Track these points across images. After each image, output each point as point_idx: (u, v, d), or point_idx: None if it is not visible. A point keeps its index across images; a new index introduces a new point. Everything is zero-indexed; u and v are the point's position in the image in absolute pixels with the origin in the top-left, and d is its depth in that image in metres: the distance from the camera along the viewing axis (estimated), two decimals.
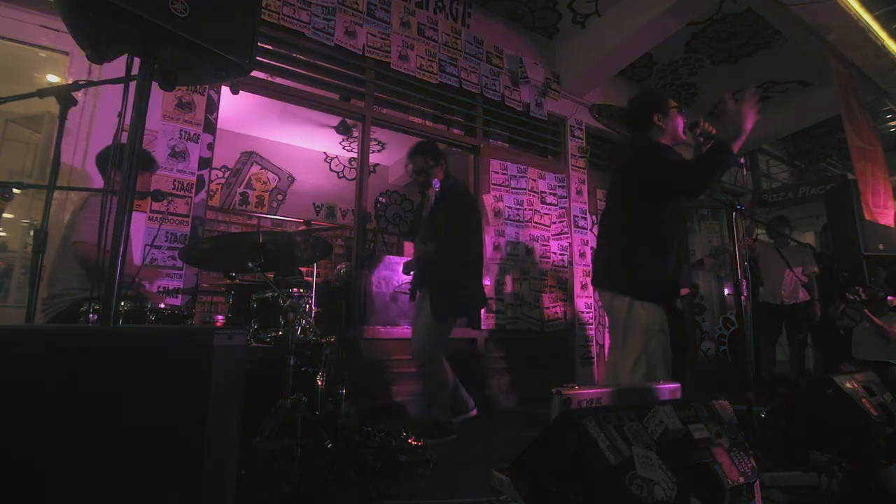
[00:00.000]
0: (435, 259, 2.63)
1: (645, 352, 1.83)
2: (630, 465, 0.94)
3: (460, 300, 2.67)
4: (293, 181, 6.51)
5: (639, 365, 1.83)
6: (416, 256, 2.71)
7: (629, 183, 2.02)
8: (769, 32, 4.66)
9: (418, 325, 2.73)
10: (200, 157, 2.90)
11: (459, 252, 2.64)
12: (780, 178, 7.65)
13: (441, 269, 2.63)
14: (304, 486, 1.57)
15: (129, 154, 1.05)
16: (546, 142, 4.76)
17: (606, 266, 2.05)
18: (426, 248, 2.63)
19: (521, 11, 4.42)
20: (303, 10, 3.29)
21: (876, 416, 1.91)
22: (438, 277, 2.64)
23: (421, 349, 2.65)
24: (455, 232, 2.63)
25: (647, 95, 2.16)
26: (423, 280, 2.73)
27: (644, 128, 2.07)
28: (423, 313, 2.67)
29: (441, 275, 2.63)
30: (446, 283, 2.61)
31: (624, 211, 2.02)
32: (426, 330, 2.64)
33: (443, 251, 2.61)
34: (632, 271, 1.93)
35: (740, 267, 2.04)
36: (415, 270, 2.80)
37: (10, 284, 2.90)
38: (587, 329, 4.50)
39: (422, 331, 2.66)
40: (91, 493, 0.79)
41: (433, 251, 2.63)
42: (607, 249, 2.07)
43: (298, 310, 2.01)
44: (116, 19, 0.99)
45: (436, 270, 2.65)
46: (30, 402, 0.80)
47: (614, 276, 2.00)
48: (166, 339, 0.91)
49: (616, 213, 2.09)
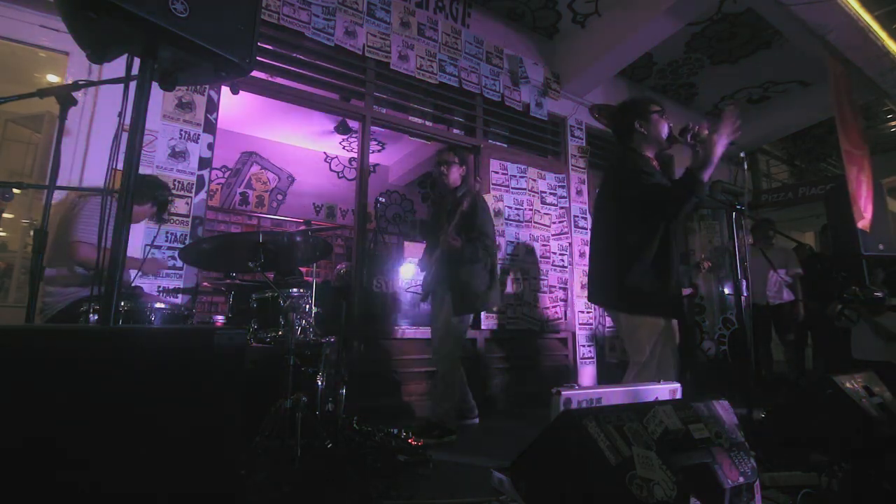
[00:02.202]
0: (463, 257, 2.69)
1: (652, 358, 1.85)
2: (630, 465, 0.94)
3: (479, 299, 2.74)
4: (293, 181, 6.51)
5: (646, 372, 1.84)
6: (442, 251, 2.72)
7: (614, 202, 2.04)
8: (769, 32, 4.66)
9: (437, 323, 2.79)
10: (200, 157, 2.90)
11: (486, 252, 2.73)
12: (780, 178, 7.65)
13: (462, 271, 2.70)
14: (304, 486, 1.57)
15: (129, 154, 1.05)
16: (546, 142, 4.76)
17: (601, 282, 2.08)
18: (453, 245, 2.65)
19: (521, 11, 4.42)
20: (303, 10, 3.29)
21: (876, 416, 1.91)
22: (462, 276, 2.69)
23: (440, 347, 2.71)
24: (485, 234, 2.74)
25: (627, 103, 2.16)
26: (444, 278, 2.76)
27: (627, 136, 2.08)
28: (442, 312, 2.72)
29: (465, 274, 2.70)
30: (469, 282, 2.70)
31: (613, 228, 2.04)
32: (445, 326, 2.68)
33: (470, 250, 2.68)
34: (628, 288, 1.92)
35: (740, 267, 2.04)
36: (433, 269, 2.82)
37: (10, 284, 2.90)
38: (587, 329, 4.50)
39: (442, 329, 2.71)
40: (91, 492, 0.79)
41: (460, 249, 2.66)
42: (601, 266, 2.10)
43: (298, 310, 2.01)
44: (116, 19, 0.99)
45: (460, 269, 2.70)
46: (29, 402, 0.80)
47: (609, 292, 2.03)
48: (166, 339, 0.91)
49: (605, 229, 2.10)
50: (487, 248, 2.75)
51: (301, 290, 2.11)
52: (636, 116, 2.07)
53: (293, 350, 1.91)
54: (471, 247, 2.69)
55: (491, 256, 2.81)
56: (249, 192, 6.17)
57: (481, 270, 2.76)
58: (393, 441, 2.16)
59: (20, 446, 0.77)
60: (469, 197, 2.71)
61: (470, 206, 2.70)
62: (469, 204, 2.69)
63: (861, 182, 4.24)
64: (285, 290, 2.06)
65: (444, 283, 2.78)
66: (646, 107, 2.07)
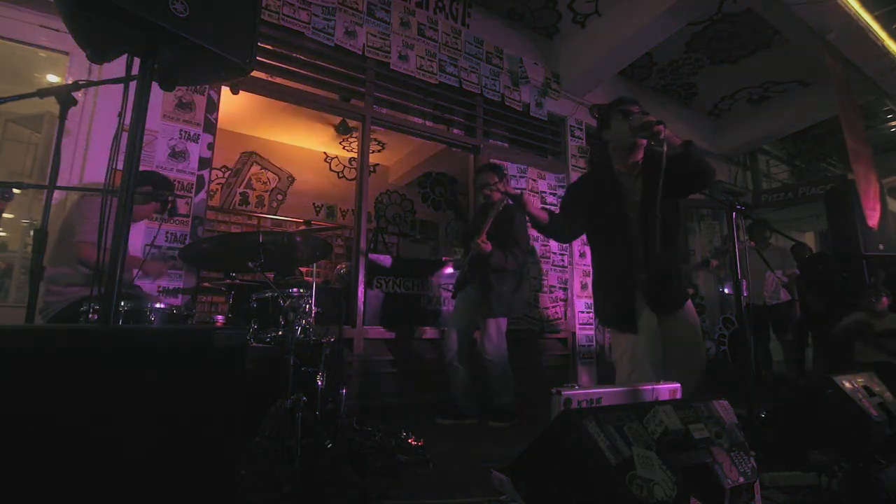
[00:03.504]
0: (502, 265, 2.94)
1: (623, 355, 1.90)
2: (630, 465, 0.94)
3: (506, 304, 3.00)
4: (293, 181, 6.50)
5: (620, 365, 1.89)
6: (473, 254, 2.94)
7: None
8: (769, 32, 4.66)
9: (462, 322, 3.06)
10: (200, 157, 2.90)
11: (514, 260, 2.98)
12: (780, 178, 7.65)
13: (504, 274, 2.97)
14: (304, 486, 1.57)
15: (129, 154, 1.05)
16: (546, 142, 4.76)
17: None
18: (484, 250, 2.85)
19: (521, 11, 4.42)
20: (303, 9, 3.29)
21: (876, 416, 1.91)
22: (500, 282, 2.97)
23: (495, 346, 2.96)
24: (516, 244, 3.00)
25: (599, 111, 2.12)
26: (478, 279, 3.01)
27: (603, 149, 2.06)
28: (470, 314, 3.04)
29: (503, 280, 2.98)
30: (508, 287, 3.00)
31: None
32: (493, 328, 2.96)
33: (503, 257, 2.93)
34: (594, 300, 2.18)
35: (740, 267, 2.04)
36: (465, 269, 3.08)
37: (10, 284, 2.90)
38: (587, 329, 4.50)
39: (489, 329, 2.96)
40: (91, 492, 0.79)
41: (495, 255, 2.90)
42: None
43: (298, 310, 2.01)
44: (116, 19, 0.99)
45: (498, 275, 2.96)
46: (29, 402, 0.80)
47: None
48: (166, 339, 0.91)
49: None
50: (516, 257, 2.98)
51: (301, 290, 2.10)
52: (600, 126, 2.02)
53: (293, 350, 1.91)
54: (499, 254, 2.91)
55: (520, 265, 3.04)
56: (249, 192, 6.17)
57: (509, 277, 3.01)
58: (393, 441, 2.16)
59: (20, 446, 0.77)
60: (504, 207, 2.87)
61: (504, 214, 2.87)
62: (504, 212, 2.86)
63: (870, 180, 4.24)
64: (285, 290, 2.06)
65: (475, 284, 3.03)
66: (607, 111, 1.96)
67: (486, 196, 3.09)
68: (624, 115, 1.91)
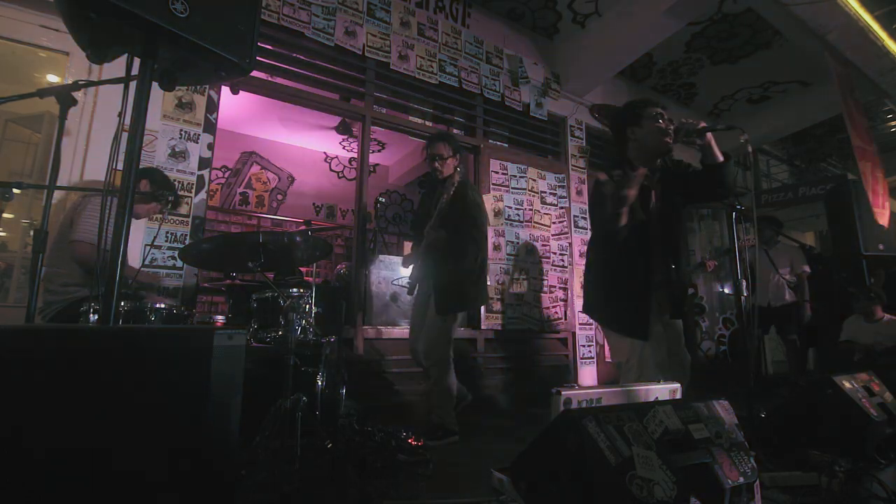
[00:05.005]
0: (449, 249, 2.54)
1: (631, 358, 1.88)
2: (630, 465, 0.94)
3: (468, 296, 2.62)
4: (293, 181, 6.51)
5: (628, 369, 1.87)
6: (426, 244, 2.60)
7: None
8: (769, 32, 4.66)
9: (420, 322, 2.69)
10: (200, 157, 2.90)
11: (475, 245, 2.57)
12: (780, 178, 7.65)
13: (449, 264, 2.54)
14: (304, 486, 1.57)
15: (129, 154, 1.05)
16: (546, 142, 4.75)
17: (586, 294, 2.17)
18: (439, 236, 2.53)
19: (521, 11, 4.42)
20: (303, 10, 3.29)
21: (876, 416, 1.91)
22: (446, 272, 2.55)
23: (431, 349, 2.57)
24: (472, 224, 2.58)
25: (620, 108, 2.10)
26: (428, 274, 2.65)
27: (622, 145, 2.01)
28: (427, 310, 2.62)
29: (448, 270, 2.54)
30: (454, 278, 2.54)
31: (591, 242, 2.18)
32: (434, 328, 2.56)
33: (457, 242, 2.53)
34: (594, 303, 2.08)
35: (740, 267, 2.04)
36: (419, 262, 2.70)
37: (10, 284, 2.90)
38: (587, 329, 4.50)
39: (431, 329, 2.58)
40: (90, 491, 0.79)
41: (446, 240, 2.54)
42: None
43: (298, 310, 2.00)
44: (116, 19, 0.99)
45: (443, 265, 2.56)
46: (29, 402, 0.80)
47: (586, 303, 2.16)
48: (166, 339, 0.91)
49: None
50: (476, 241, 2.55)
51: (301, 290, 2.10)
52: (628, 122, 1.94)
53: (293, 350, 1.91)
54: (458, 238, 2.52)
55: (481, 250, 2.60)
56: (249, 192, 6.17)
57: (470, 265, 2.56)
58: (393, 441, 2.16)
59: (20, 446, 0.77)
60: (456, 184, 2.56)
61: (457, 192, 2.54)
62: (456, 191, 2.53)
63: (877, 178, 4.21)
64: (285, 290, 2.06)
65: (428, 278, 2.63)
66: (639, 110, 1.92)
67: (435, 170, 2.67)
68: (659, 116, 1.89)
